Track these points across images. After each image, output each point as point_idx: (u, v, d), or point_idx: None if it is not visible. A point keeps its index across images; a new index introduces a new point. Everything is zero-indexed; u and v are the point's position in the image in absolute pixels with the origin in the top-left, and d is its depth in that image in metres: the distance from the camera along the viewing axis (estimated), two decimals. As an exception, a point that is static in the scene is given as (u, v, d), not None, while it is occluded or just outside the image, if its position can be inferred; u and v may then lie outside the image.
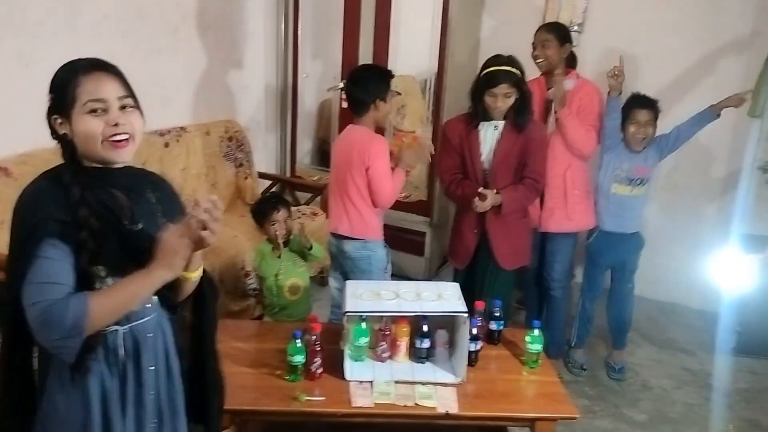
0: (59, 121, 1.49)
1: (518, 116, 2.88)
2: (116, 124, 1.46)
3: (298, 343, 2.34)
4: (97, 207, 1.46)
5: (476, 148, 2.94)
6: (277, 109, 4.83)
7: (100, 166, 1.50)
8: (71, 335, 1.34)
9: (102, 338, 1.46)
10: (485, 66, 2.87)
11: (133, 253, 1.46)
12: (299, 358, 2.35)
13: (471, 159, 2.95)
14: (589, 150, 3.28)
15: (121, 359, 1.50)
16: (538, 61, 3.23)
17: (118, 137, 1.46)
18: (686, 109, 4.04)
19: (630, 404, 3.31)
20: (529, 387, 2.49)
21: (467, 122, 2.96)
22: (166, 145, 3.78)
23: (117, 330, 1.49)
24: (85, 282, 1.41)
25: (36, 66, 3.14)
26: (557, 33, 3.23)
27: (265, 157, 4.81)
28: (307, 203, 4.42)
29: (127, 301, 1.43)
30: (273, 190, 4.66)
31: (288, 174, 4.91)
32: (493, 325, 2.66)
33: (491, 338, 2.66)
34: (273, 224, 2.92)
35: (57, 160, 1.48)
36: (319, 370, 2.38)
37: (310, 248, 2.98)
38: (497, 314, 2.65)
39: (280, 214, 2.92)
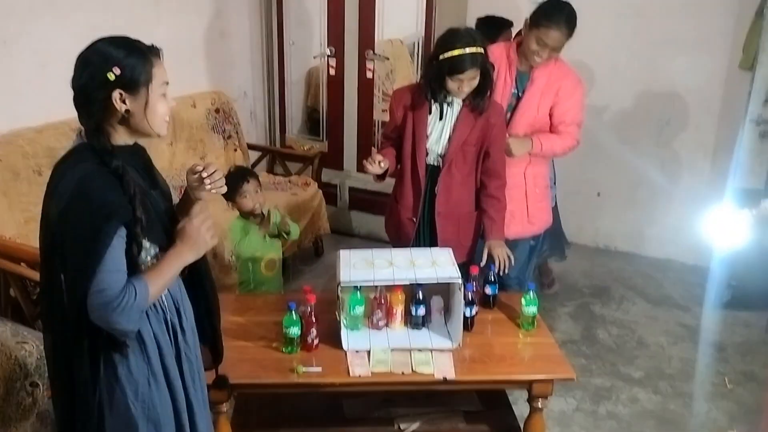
0: (122, 97, 1.52)
1: (478, 96, 2.56)
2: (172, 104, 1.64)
3: (294, 314, 2.33)
4: (136, 185, 1.57)
5: (423, 126, 2.63)
6: (264, 78, 4.76)
7: (128, 143, 1.62)
8: (138, 317, 1.53)
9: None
10: (445, 45, 2.48)
11: (160, 219, 1.66)
12: (295, 330, 2.34)
13: (416, 136, 2.64)
14: (571, 150, 2.95)
15: (168, 314, 1.71)
16: (537, 59, 2.76)
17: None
18: (676, 62, 4.02)
19: (627, 362, 3.33)
20: (526, 349, 2.49)
21: (416, 95, 2.63)
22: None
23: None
24: (133, 255, 1.55)
25: (14, 43, 3.07)
26: (569, 29, 2.73)
27: (254, 128, 4.76)
28: (298, 173, 4.38)
29: (168, 280, 1.63)
30: (263, 161, 4.62)
31: (278, 144, 4.86)
32: (488, 290, 2.65)
33: (486, 303, 2.65)
34: (244, 196, 2.85)
35: (40, 139, 1.46)
36: (316, 341, 2.38)
37: (288, 233, 2.94)
38: (492, 279, 2.63)
39: (250, 185, 2.85)
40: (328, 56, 4.50)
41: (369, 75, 4.42)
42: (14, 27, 3.06)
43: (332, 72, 4.53)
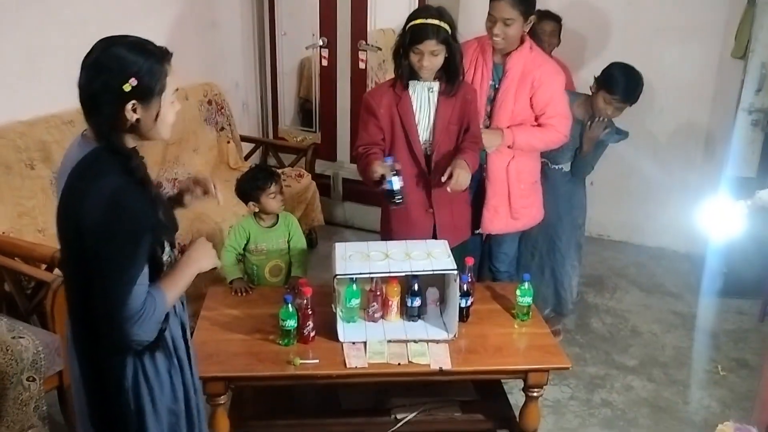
0: (134, 106, 1.50)
1: (449, 80, 2.58)
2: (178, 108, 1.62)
3: (290, 307, 2.33)
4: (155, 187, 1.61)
5: (411, 116, 2.62)
6: (256, 69, 4.74)
7: (132, 146, 1.59)
8: (156, 326, 1.57)
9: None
10: (410, 18, 2.53)
11: (168, 216, 1.67)
12: (291, 323, 2.34)
13: (407, 129, 2.62)
14: (556, 144, 2.90)
15: (177, 309, 1.74)
16: (495, 38, 2.70)
17: None
18: (668, 51, 4.02)
19: (620, 350, 3.36)
20: (521, 340, 2.51)
21: (394, 88, 2.62)
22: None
23: None
24: (157, 267, 1.58)
25: (2, 35, 3.04)
26: (522, 7, 2.65)
27: (246, 120, 4.73)
28: (291, 165, 4.37)
29: (183, 287, 1.66)
30: (256, 152, 4.61)
31: (270, 136, 4.85)
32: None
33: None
34: (271, 197, 2.76)
35: (32, 132, 1.45)
36: (312, 333, 2.38)
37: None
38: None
39: (277, 186, 2.78)
40: (321, 47, 4.47)
41: (362, 65, 4.40)
42: (3, 19, 3.02)
43: (324, 63, 4.51)
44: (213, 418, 2.31)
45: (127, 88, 1.46)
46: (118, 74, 1.46)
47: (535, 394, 2.39)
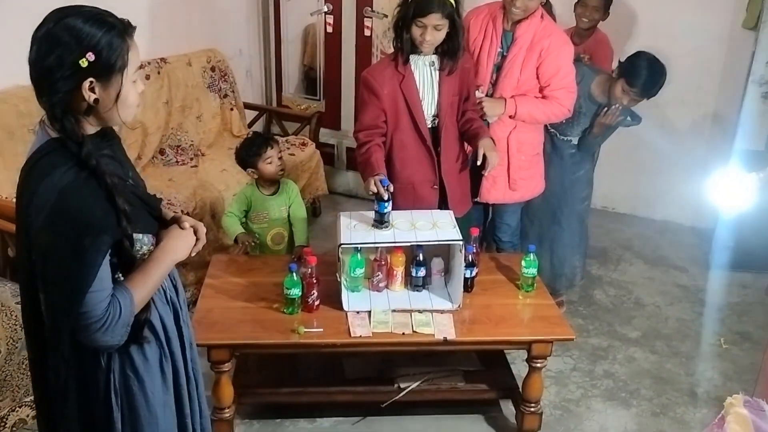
0: (92, 85, 1.34)
1: (450, 57, 2.53)
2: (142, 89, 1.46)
3: (294, 276, 2.33)
4: (113, 176, 1.41)
5: (415, 94, 2.56)
6: (260, 36, 4.67)
7: (96, 131, 1.45)
8: (124, 330, 1.41)
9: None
10: None
11: (144, 205, 1.53)
12: (296, 291, 2.34)
13: (411, 107, 2.56)
14: (558, 118, 2.88)
15: (168, 293, 1.62)
16: (516, 9, 2.65)
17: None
18: (678, 20, 3.96)
19: (624, 322, 3.36)
20: (525, 310, 2.51)
21: (395, 65, 2.55)
22: (147, 77, 3.65)
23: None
24: (125, 265, 1.44)
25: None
26: None
27: (250, 87, 4.69)
28: (295, 133, 4.34)
29: (157, 281, 1.50)
30: (260, 120, 4.57)
31: (274, 104, 4.80)
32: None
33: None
34: (268, 162, 2.77)
35: (34, 98, 1.40)
36: (317, 302, 2.38)
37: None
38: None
39: (274, 151, 2.78)
40: (326, 13, 4.41)
41: (367, 32, 4.34)
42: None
43: (329, 29, 4.45)
44: (217, 385, 2.33)
45: (83, 63, 1.31)
46: (74, 48, 1.31)
47: (538, 365, 2.40)
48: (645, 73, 2.87)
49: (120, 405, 1.52)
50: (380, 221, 2.43)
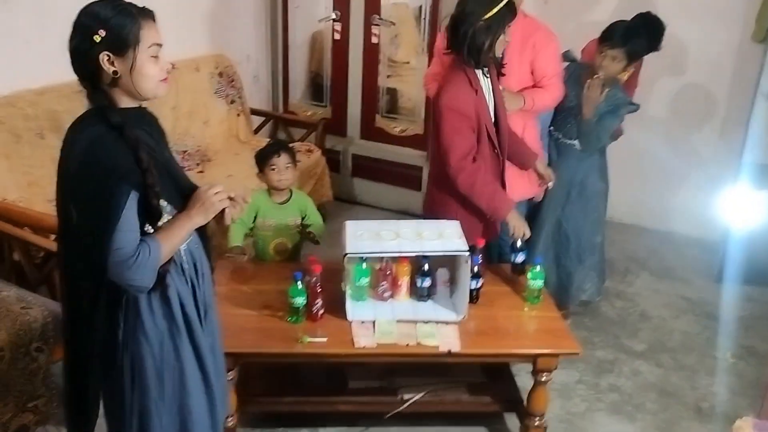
0: (110, 59, 1.55)
1: (497, 62, 2.58)
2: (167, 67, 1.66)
3: (299, 284, 2.32)
4: (145, 145, 1.61)
5: (486, 110, 2.56)
6: (268, 42, 4.68)
7: (131, 106, 1.65)
8: (152, 273, 1.61)
9: (171, 259, 1.71)
10: (484, 3, 2.40)
11: (173, 180, 1.73)
12: (300, 300, 2.33)
13: (485, 122, 2.54)
14: (556, 101, 2.97)
15: (187, 270, 1.77)
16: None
17: (166, 76, 1.67)
18: (688, 32, 3.94)
19: (629, 334, 3.34)
20: (531, 323, 2.49)
21: (469, 81, 2.49)
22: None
23: (180, 248, 1.75)
24: (153, 216, 1.62)
25: (16, 2, 3.00)
26: None
27: (257, 93, 4.69)
28: (301, 140, 4.34)
29: (180, 240, 1.70)
30: (266, 126, 4.57)
31: (281, 110, 4.80)
32: (520, 257, 2.64)
33: (516, 270, 2.66)
34: (272, 169, 2.76)
35: (41, 101, 1.46)
36: (321, 311, 2.37)
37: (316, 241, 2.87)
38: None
39: (281, 159, 2.75)
40: (334, 20, 4.41)
41: (374, 40, 4.34)
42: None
43: (337, 36, 4.45)
44: (220, 393, 2.31)
45: (96, 38, 1.53)
46: (90, 26, 1.54)
47: (543, 378, 2.38)
48: (613, 25, 2.93)
49: (131, 364, 1.70)
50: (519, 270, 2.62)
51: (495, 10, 2.40)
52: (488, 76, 2.59)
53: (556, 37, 2.90)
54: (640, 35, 2.93)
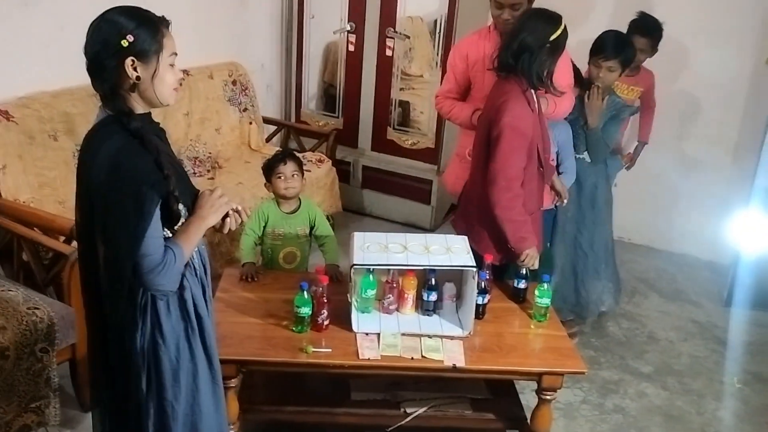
0: (134, 64, 1.59)
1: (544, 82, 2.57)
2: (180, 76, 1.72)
3: (305, 294, 2.31)
4: (164, 152, 1.67)
5: (539, 130, 2.59)
6: (282, 51, 4.71)
7: (144, 112, 1.69)
8: (178, 277, 1.70)
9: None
10: (555, 26, 2.45)
11: (184, 183, 1.77)
12: (306, 310, 2.32)
13: (537, 144, 2.57)
14: (569, 108, 2.96)
15: (198, 270, 1.82)
16: (507, 22, 2.71)
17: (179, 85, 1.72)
18: (701, 56, 3.94)
19: (636, 356, 3.31)
20: (537, 341, 2.47)
21: (528, 102, 2.53)
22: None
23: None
24: (171, 220, 1.67)
25: (35, 4, 3.03)
26: None
27: (270, 102, 4.71)
28: (312, 149, 4.35)
29: (195, 243, 1.76)
30: (278, 135, 4.59)
31: (293, 119, 4.82)
32: (522, 284, 2.60)
33: (516, 297, 2.62)
34: (278, 177, 2.75)
35: (56, 103, 1.49)
36: (326, 322, 2.36)
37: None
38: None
39: (287, 167, 2.74)
40: (348, 32, 4.43)
41: (388, 53, 4.36)
42: (33, -11, 3.03)
43: (351, 48, 4.47)
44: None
45: (125, 43, 1.56)
46: (116, 32, 1.57)
47: (548, 397, 2.36)
48: (603, 36, 3.01)
49: (147, 366, 1.72)
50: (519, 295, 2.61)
51: (558, 32, 2.46)
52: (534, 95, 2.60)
53: (567, 50, 2.89)
54: (613, 34, 3.03)
